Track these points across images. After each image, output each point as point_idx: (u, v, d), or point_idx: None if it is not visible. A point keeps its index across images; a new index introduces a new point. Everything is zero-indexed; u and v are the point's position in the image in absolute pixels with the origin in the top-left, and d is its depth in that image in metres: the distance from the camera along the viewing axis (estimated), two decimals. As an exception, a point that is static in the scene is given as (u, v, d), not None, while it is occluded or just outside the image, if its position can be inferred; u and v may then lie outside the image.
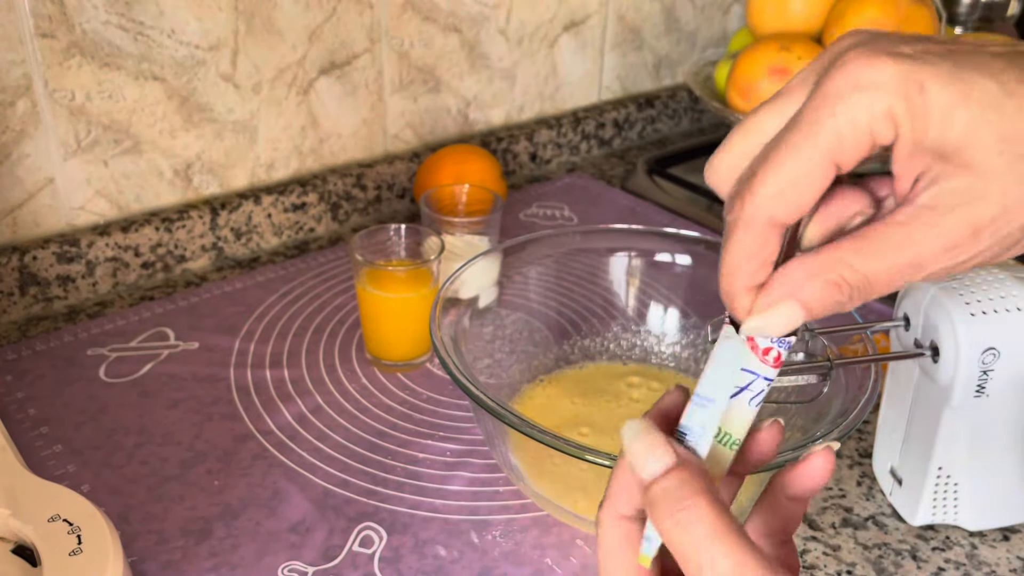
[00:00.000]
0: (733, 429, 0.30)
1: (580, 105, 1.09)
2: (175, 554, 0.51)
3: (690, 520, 0.25)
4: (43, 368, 0.66)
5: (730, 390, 0.29)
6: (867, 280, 0.27)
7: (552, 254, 0.65)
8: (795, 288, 0.28)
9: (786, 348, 0.29)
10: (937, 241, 0.26)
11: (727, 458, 0.30)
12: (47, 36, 0.68)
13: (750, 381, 0.29)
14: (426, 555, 0.52)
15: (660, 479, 0.26)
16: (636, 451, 0.27)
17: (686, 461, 0.27)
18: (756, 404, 0.30)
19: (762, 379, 0.30)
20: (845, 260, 0.27)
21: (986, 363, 0.49)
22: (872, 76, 0.26)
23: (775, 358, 0.29)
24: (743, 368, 0.29)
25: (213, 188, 0.81)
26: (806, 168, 0.27)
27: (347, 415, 0.63)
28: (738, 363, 0.29)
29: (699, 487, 0.26)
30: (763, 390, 0.30)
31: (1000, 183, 0.26)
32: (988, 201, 0.26)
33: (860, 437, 0.63)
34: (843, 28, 0.84)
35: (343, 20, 0.83)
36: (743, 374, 0.29)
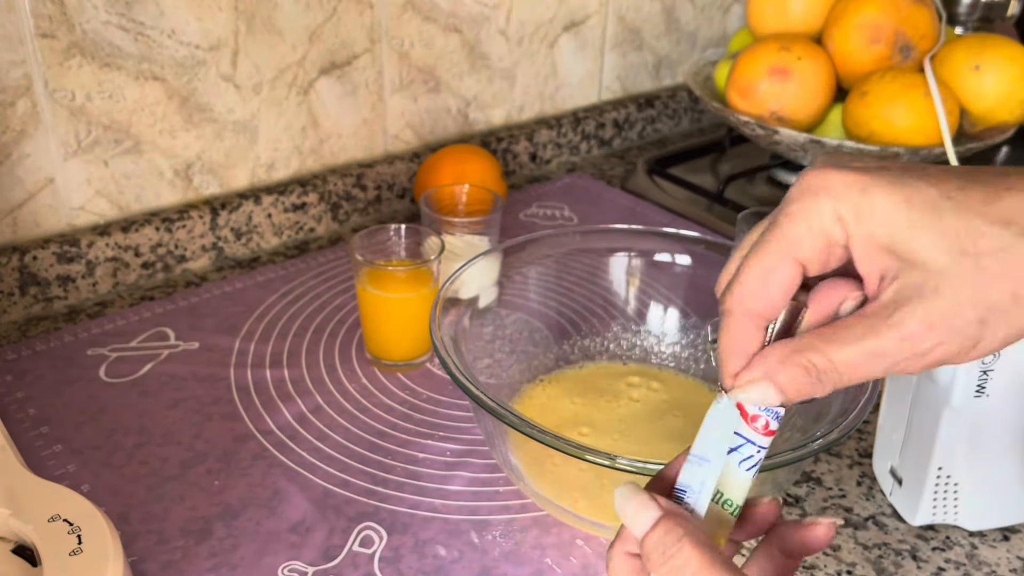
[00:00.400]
0: (731, 493, 0.32)
1: (580, 105, 1.09)
2: (175, 554, 0.51)
3: (678, 564, 0.28)
4: (43, 368, 0.66)
5: (724, 451, 0.32)
6: (834, 366, 0.30)
7: (552, 254, 0.65)
8: (770, 369, 0.31)
9: (774, 418, 0.31)
10: (894, 332, 0.29)
11: (727, 520, 0.32)
12: (47, 36, 0.68)
13: (740, 444, 0.32)
14: (426, 555, 0.52)
15: (650, 533, 0.29)
16: (628, 512, 0.30)
17: (669, 512, 0.30)
18: (749, 470, 0.32)
19: (753, 445, 0.31)
20: (815, 346, 0.30)
21: (986, 363, 0.49)
22: (822, 183, 0.30)
23: (764, 426, 0.31)
24: (735, 432, 0.31)
25: (213, 188, 0.81)
26: (772, 266, 0.31)
27: (347, 415, 0.63)
28: (730, 426, 0.32)
29: (682, 532, 0.29)
30: (753, 455, 0.32)
31: (948, 279, 0.28)
32: (940, 296, 0.28)
33: (860, 437, 0.63)
34: (843, 28, 0.84)
35: (343, 20, 0.83)
36: (734, 437, 0.31)
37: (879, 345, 0.29)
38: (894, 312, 0.29)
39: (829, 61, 0.85)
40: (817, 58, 0.84)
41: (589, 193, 0.99)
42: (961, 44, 0.83)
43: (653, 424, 0.59)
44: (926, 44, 0.84)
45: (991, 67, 0.81)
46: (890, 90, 0.80)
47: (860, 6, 0.83)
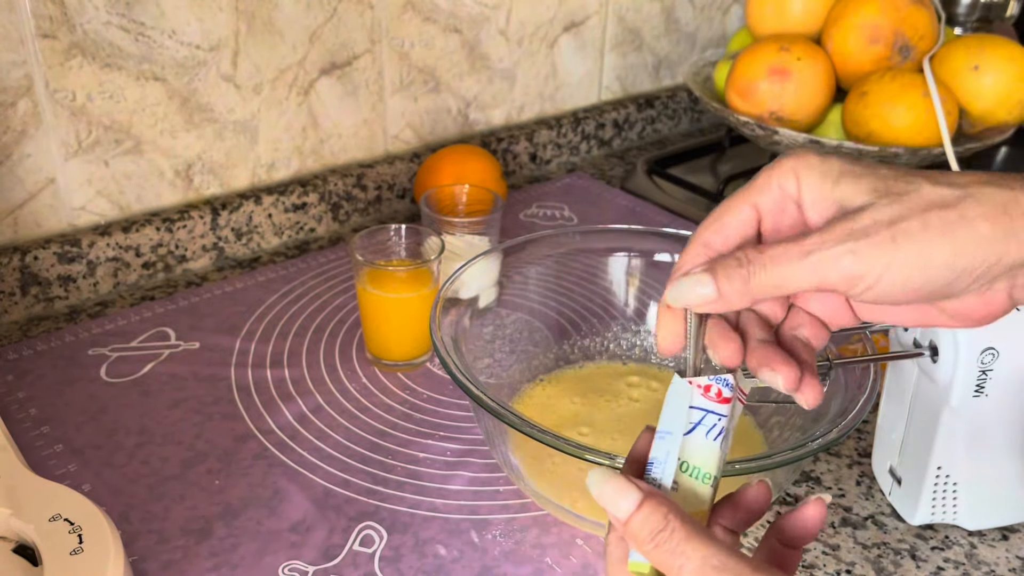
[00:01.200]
0: (698, 462, 0.33)
1: (580, 105, 1.09)
2: (176, 553, 0.51)
3: (665, 538, 0.30)
4: (44, 368, 0.66)
5: (683, 425, 0.33)
6: (762, 259, 0.33)
7: (552, 254, 0.65)
8: (708, 266, 0.34)
9: (724, 385, 0.33)
10: (818, 235, 0.33)
11: (704, 492, 0.33)
12: (48, 37, 0.68)
13: (701, 417, 0.34)
14: (426, 554, 0.52)
15: (635, 513, 0.30)
16: (607, 496, 0.31)
17: (650, 493, 0.31)
18: (716, 438, 0.34)
19: (712, 414, 0.34)
20: (746, 248, 0.34)
21: (985, 363, 0.49)
22: (791, 155, 0.35)
23: (717, 394, 0.34)
24: (691, 406, 0.34)
25: (214, 188, 0.82)
26: (732, 206, 0.36)
27: (347, 415, 0.63)
28: (686, 401, 0.34)
29: (666, 509, 0.30)
30: (716, 424, 0.34)
31: (872, 208, 0.32)
32: (862, 216, 0.32)
33: (859, 437, 0.63)
34: (842, 29, 0.84)
35: (344, 21, 0.83)
36: (692, 411, 0.34)
37: (805, 245, 0.33)
38: (823, 226, 0.33)
39: (828, 61, 0.85)
40: (816, 58, 0.84)
41: (589, 193, 0.99)
42: (960, 44, 0.83)
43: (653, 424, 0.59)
44: (925, 44, 0.84)
45: (990, 67, 0.82)
46: (889, 90, 0.80)
47: (859, 6, 0.83)
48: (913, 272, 0.32)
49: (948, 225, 0.32)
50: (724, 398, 0.33)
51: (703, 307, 0.35)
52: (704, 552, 0.29)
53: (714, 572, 0.29)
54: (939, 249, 0.32)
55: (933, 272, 0.32)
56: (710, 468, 0.33)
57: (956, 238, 0.32)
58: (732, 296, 0.34)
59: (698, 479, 0.33)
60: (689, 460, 0.33)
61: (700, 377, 0.34)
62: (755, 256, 0.33)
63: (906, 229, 0.32)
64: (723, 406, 0.33)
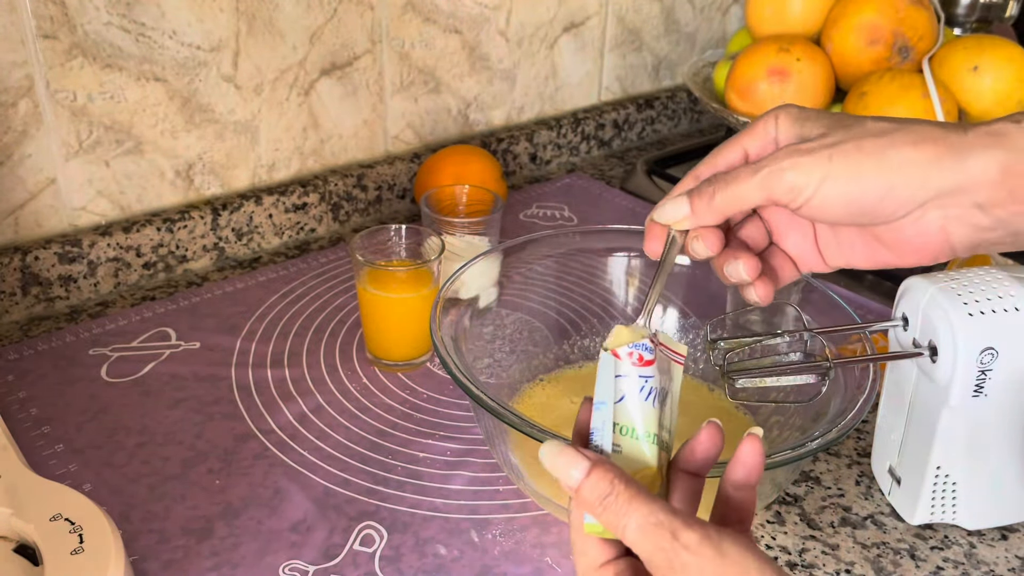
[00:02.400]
0: (637, 423, 0.36)
1: (580, 106, 1.09)
2: (176, 553, 0.51)
3: (611, 501, 0.32)
4: (45, 368, 0.66)
5: (613, 393, 0.36)
6: (726, 182, 0.40)
7: (552, 254, 0.65)
8: (688, 192, 0.41)
9: (644, 349, 0.36)
10: (775, 153, 0.39)
11: (648, 451, 0.35)
12: (49, 37, 0.68)
13: (630, 383, 0.36)
14: (426, 554, 0.52)
15: (584, 481, 0.33)
16: (558, 467, 0.34)
17: (597, 462, 0.33)
18: (647, 399, 0.36)
19: (640, 378, 0.36)
20: (719, 174, 0.41)
21: (984, 363, 0.49)
22: (773, 107, 0.43)
23: (639, 358, 0.36)
24: (616, 375, 0.36)
25: (214, 189, 0.82)
26: (724, 148, 0.42)
27: (348, 415, 0.63)
28: (611, 371, 0.36)
29: (612, 475, 0.33)
30: (644, 386, 0.36)
31: (824, 136, 0.39)
32: (812, 139, 0.39)
33: (859, 437, 0.64)
34: (841, 29, 0.84)
35: (344, 21, 0.83)
36: (619, 380, 0.36)
37: (758, 165, 0.39)
38: (776, 151, 0.39)
39: (828, 62, 0.85)
40: (816, 59, 0.84)
41: (589, 193, 0.99)
42: (959, 45, 0.83)
43: (652, 424, 0.59)
44: (924, 45, 0.84)
45: (989, 68, 0.82)
46: (888, 91, 0.80)
47: (859, 7, 0.83)
48: (847, 185, 0.37)
49: (879, 148, 0.37)
50: (647, 361, 0.36)
51: (681, 223, 0.42)
52: (645, 511, 0.32)
53: (653, 528, 0.31)
54: (869, 167, 0.37)
55: (864, 185, 0.37)
56: (650, 427, 0.36)
57: (884, 157, 0.37)
58: (701, 211, 0.41)
59: (640, 439, 0.35)
60: (628, 424, 0.35)
61: (622, 347, 0.36)
62: (720, 178, 0.40)
63: (843, 149, 0.38)
64: (647, 368, 0.36)
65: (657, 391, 0.36)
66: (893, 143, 0.37)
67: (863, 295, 0.80)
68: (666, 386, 0.37)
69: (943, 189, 0.37)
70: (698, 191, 0.41)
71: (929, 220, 0.38)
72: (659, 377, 0.36)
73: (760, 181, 0.39)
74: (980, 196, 0.37)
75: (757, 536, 0.55)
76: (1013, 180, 0.36)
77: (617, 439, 0.35)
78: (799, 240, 0.44)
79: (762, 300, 0.42)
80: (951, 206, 0.37)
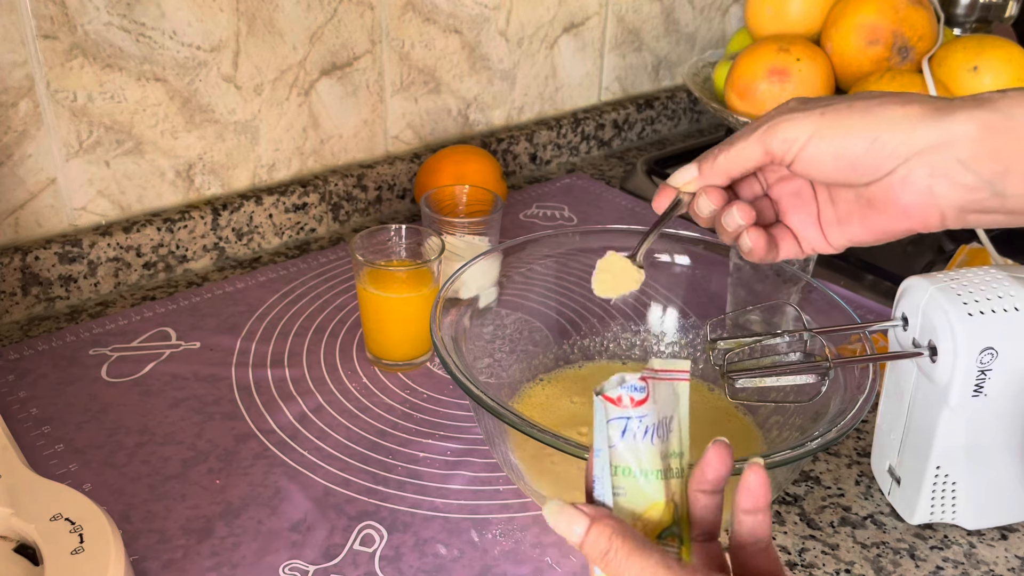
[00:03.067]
0: (637, 464, 0.35)
1: (580, 106, 1.10)
2: (176, 553, 0.51)
3: (611, 557, 0.33)
4: (45, 368, 0.66)
5: (607, 439, 0.35)
6: (730, 144, 0.43)
7: (552, 254, 0.65)
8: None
9: (633, 390, 0.35)
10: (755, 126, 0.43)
11: (653, 488, 0.35)
12: (49, 37, 0.68)
13: (623, 425, 0.35)
14: (426, 553, 0.52)
15: (584, 539, 0.33)
16: (560, 526, 0.34)
17: (596, 516, 0.34)
18: (644, 438, 0.35)
19: (633, 419, 0.35)
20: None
21: (984, 363, 0.49)
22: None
23: (630, 400, 0.35)
24: (609, 419, 0.35)
25: (215, 189, 0.82)
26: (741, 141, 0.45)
27: (348, 414, 0.63)
28: (604, 416, 0.35)
29: (610, 531, 0.33)
30: (639, 427, 0.35)
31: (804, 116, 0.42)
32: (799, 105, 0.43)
33: (858, 436, 0.64)
34: (841, 29, 0.84)
35: (344, 21, 0.83)
36: (612, 423, 0.35)
37: (757, 123, 0.42)
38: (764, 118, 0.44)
39: (828, 62, 0.85)
40: (816, 59, 0.84)
41: (589, 193, 0.99)
42: (959, 45, 0.84)
43: (652, 423, 0.59)
44: (924, 45, 0.84)
45: (989, 68, 0.82)
46: (888, 91, 0.80)
47: (858, 7, 0.83)
48: (834, 139, 0.40)
49: (868, 108, 0.40)
50: (638, 401, 0.35)
51: (690, 184, 0.46)
52: (643, 564, 0.32)
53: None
54: (856, 121, 0.40)
55: (851, 139, 0.40)
56: (650, 464, 0.35)
57: (871, 114, 0.40)
58: (707, 171, 0.45)
59: (640, 478, 0.35)
60: (626, 465, 0.35)
61: (612, 390, 0.35)
62: (724, 143, 0.44)
63: (835, 107, 0.41)
64: (639, 408, 0.35)
65: (655, 426, 0.36)
66: (883, 103, 0.40)
67: (863, 295, 0.80)
68: (669, 413, 0.36)
69: (927, 144, 0.39)
70: (705, 155, 0.45)
71: (916, 178, 0.40)
72: (658, 409, 0.36)
73: (758, 137, 0.42)
74: (962, 152, 0.39)
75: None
76: (994, 138, 0.38)
77: (619, 482, 0.35)
78: (803, 217, 0.46)
79: (754, 250, 0.45)
80: (936, 163, 0.39)
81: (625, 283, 0.51)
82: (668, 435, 0.36)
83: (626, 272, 0.51)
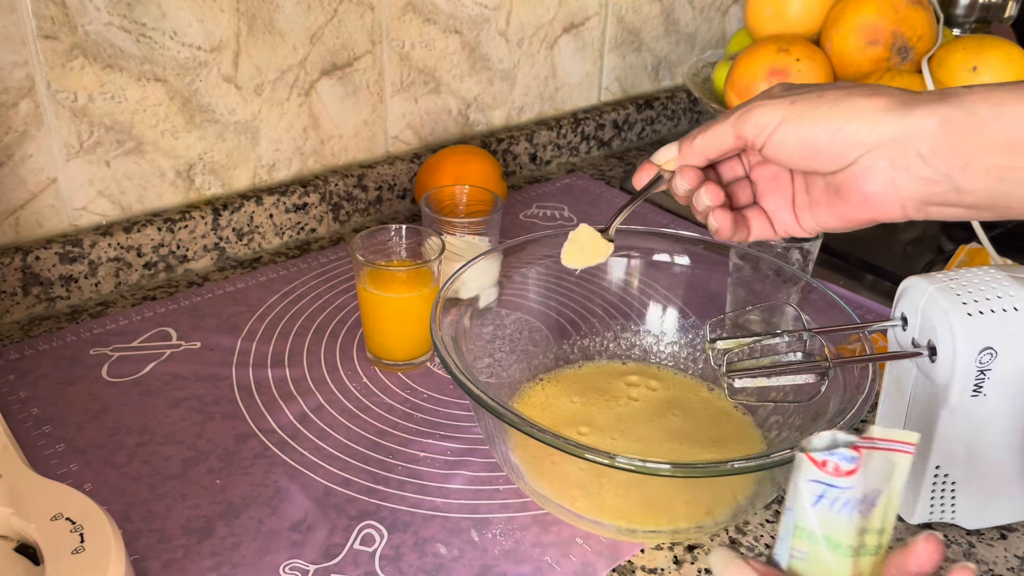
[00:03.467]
0: (827, 532, 0.33)
1: (580, 106, 1.10)
2: (177, 552, 0.51)
3: None
4: (46, 368, 0.66)
5: (799, 498, 0.33)
6: (707, 126, 0.46)
7: (552, 254, 0.66)
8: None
9: (842, 459, 0.33)
10: (732, 112, 0.45)
11: (839, 563, 0.33)
12: (49, 38, 0.68)
13: (821, 491, 0.33)
14: (427, 553, 0.52)
15: None
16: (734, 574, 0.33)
17: (763, 574, 0.33)
18: (845, 509, 0.33)
19: (834, 488, 0.33)
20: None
21: (983, 363, 0.49)
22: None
23: (835, 468, 0.33)
24: (809, 479, 0.33)
25: (215, 189, 0.82)
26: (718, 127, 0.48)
27: (348, 414, 0.63)
28: (803, 475, 0.33)
29: None
30: (839, 498, 0.33)
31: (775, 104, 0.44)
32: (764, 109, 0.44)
33: (858, 436, 0.64)
34: (841, 29, 0.84)
35: (344, 22, 0.83)
36: (811, 484, 0.33)
37: (734, 109, 0.44)
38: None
39: (827, 62, 0.85)
40: (815, 59, 0.84)
41: (589, 193, 0.99)
42: (959, 45, 0.84)
43: (652, 423, 0.60)
44: (924, 45, 0.84)
45: (988, 68, 0.82)
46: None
47: (858, 7, 0.83)
48: (801, 126, 0.42)
49: (837, 98, 0.41)
50: (845, 471, 0.33)
51: (670, 163, 0.48)
52: None
53: None
54: (822, 110, 0.41)
55: (817, 126, 0.41)
56: (842, 538, 0.33)
57: (838, 105, 0.41)
58: (686, 151, 0.47)
59: (829, 549, 0.33)
60: (816, 533, 0.33)
61: (817, 451, 0.33)
62: (704, 125, 0.46)
63: (805, 96, 0.42)
64: (846, 479, 0.33)
65: (858, 500, 0.33)
66: (851, 94, 0.41)
67: (863, 295, 0.80)
68: (879, 487, 0.33)
69: (889, 136, 0.40)
70: (685, 137, 0.48)
71: (878, 169, 0.41)
72: (866, 482, 0.33)
73: (732, 121, 0.44)
74: (922, 146, 0.40)
75: (757, 536, 0.55)
76: (954, 134, 0.39)
77: (802, 546, 0.33)
78: (778, 200, 0.48)
79: (719, 230, 0.47)
80: (897, 156, 0.40)
81: (593, 255, 0.53)
82: (871, 510, 0.33)
83: (595, 244, 0.52)
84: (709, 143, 0.46)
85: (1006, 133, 0.38)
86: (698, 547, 0.54)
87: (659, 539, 0.53)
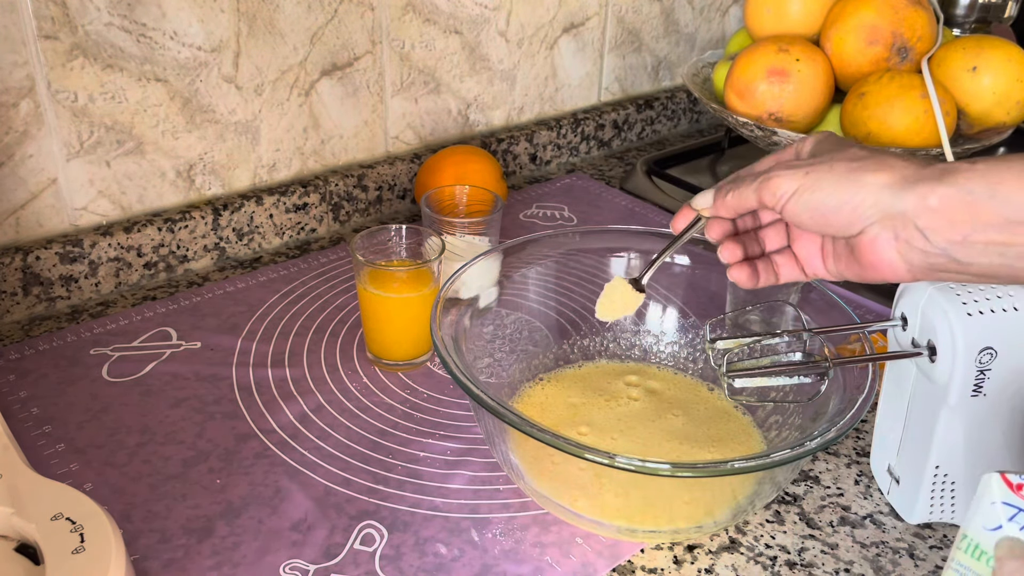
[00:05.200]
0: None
1: (580, 106, 1.10)
2: (177, 552, 0.51)
3: None
4: (46, 368, 0.66)
5: (980, 518, 0.34)
6: (736, 185, 0.48)
7: (552, 254, 0.66)
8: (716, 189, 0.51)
9: None
10: (758, 176, 0.47)
11: None
12: (50, 38, 0.68)
13: (1013, 513, 0.34)
14: (427, 553, 0.52)
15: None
16: (1013, 569, 0.33)
17: None
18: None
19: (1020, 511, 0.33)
20: (736, 174, 0.50)
21: (983, 363, 0.49)
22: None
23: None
24: (999, 501, 0.34)
25: (215, 189, 0.82)
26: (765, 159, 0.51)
27: (348, 414, 0.63)
28: (991, 496, 0.34)
29: None
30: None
31: (792, 173, 0.46)
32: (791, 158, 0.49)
33: (858, 436, 0.64)
34: (840, 30, 0.84)
35: (344, 22, 0.83)
36: (998, 506, 0.34)
37: (759, 175, 0.47)
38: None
39: (827, 62, 0.85)
40: (815, 59, 0.84)
41: (588, 194, 0.99)
42: (958, 45, 0.84)
43: (652, 423, 0.60)
44: (923, 45, 0.84)
45: (988, 68, 0.82)
46: (887, 91, 0.80)
47: (858, 8, 0.83)
48: (811, 196, 0.44)
49: (846, 170, 0.44)
50: None
51: (706, 211, 0.51)
52: None
53: None
54: (830, 183, 0.44)
55: (824, 197, 0.44)
56: None
57: (845, 178, 0.44)
58: (719, 205, 0.49)
59: None
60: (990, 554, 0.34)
61: (1014, 475, 0.34)
62: (736, 180, 0.49)
63: (818, 167, 0.45)
64: None
65: None
66: (860, 168, 0.44)
67: (862, 295, 0.80)
68: None
69: (889, 211, 0.42)
70: (721, 186, 0.50)
71: (883, 239, 0.43)
72: None
73: (755, 187, 0.47)
74: (921, 222, 0.42)
75: (757, 535, 0.55)
76: (952, 212, 0.41)
77: (976, 568, 0.34)
78: (808, 245, 0.50)
79: (738, 281, 0.51)
80: (899, 229, 0.42)
81: (623, 308, 0.55)
82: None
83: (626, 297, 0.54)
84: (737, 202, 0.48)
85: (1002, 212, 0.40)
86: (698, 547, 0.54)
87: (659, 539, 0.53)
